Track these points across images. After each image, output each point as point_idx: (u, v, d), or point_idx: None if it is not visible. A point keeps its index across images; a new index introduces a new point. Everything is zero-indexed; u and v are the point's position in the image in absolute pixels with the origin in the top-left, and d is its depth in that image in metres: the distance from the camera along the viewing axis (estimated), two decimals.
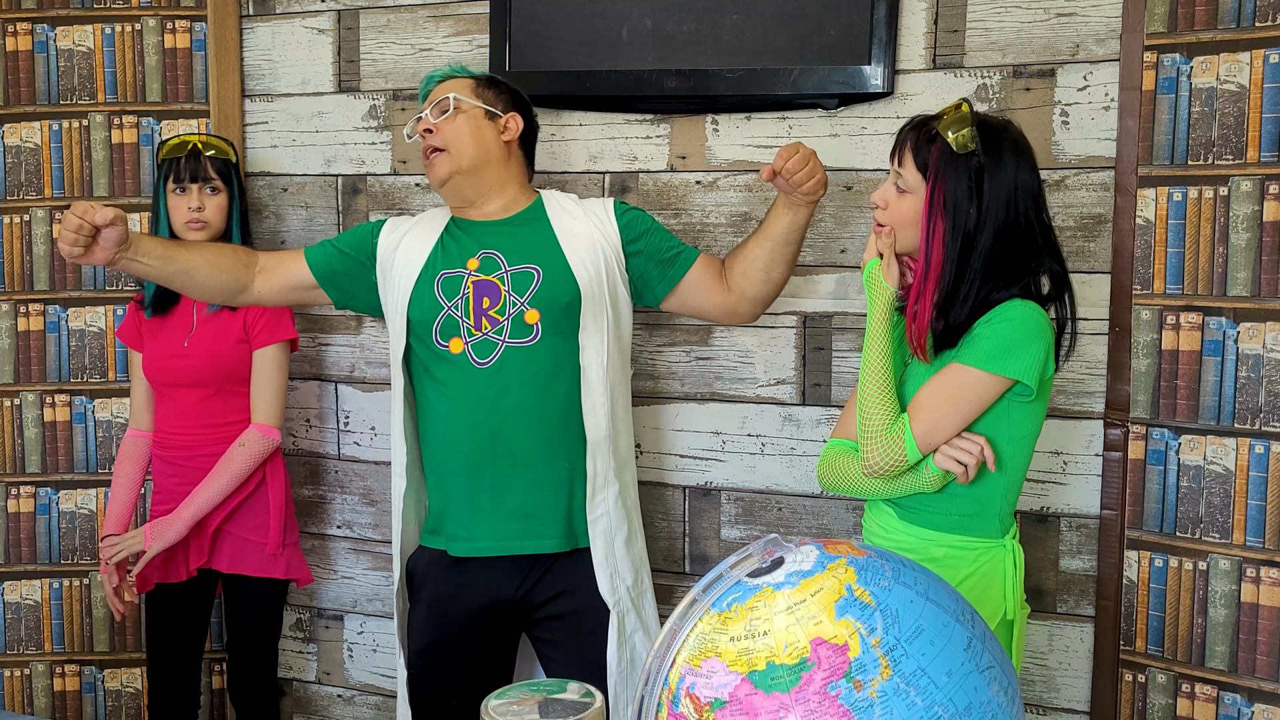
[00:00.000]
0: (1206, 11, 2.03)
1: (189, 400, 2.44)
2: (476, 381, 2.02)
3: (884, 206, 1.73)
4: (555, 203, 2.12)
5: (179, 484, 2.46)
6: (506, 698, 1.30)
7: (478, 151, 2.06)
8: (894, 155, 1.73)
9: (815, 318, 2.36)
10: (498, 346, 2.01)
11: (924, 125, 1.71)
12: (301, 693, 2.88)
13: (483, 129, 2.07)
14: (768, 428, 2.41)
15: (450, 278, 2.05)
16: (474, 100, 2.08)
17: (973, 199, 1.65)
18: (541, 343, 2.01)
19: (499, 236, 2.07)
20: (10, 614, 2.80)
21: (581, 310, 2.02)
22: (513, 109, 2.12)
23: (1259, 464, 2.03)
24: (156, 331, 2.46)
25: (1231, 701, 2.08)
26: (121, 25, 2.72)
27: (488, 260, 2.04)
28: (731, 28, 2.27)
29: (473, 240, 2.08)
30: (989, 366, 1.63)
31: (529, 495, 2.02)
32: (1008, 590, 1.71)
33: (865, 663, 0.91)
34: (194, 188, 2.40)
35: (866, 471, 1.70)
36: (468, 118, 2.06)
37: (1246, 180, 2.02)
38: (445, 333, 2.03)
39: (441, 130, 2.05)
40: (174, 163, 2.41)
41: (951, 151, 1.65)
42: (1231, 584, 2.07)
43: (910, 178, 1.69)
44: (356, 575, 2.79)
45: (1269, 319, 2.02)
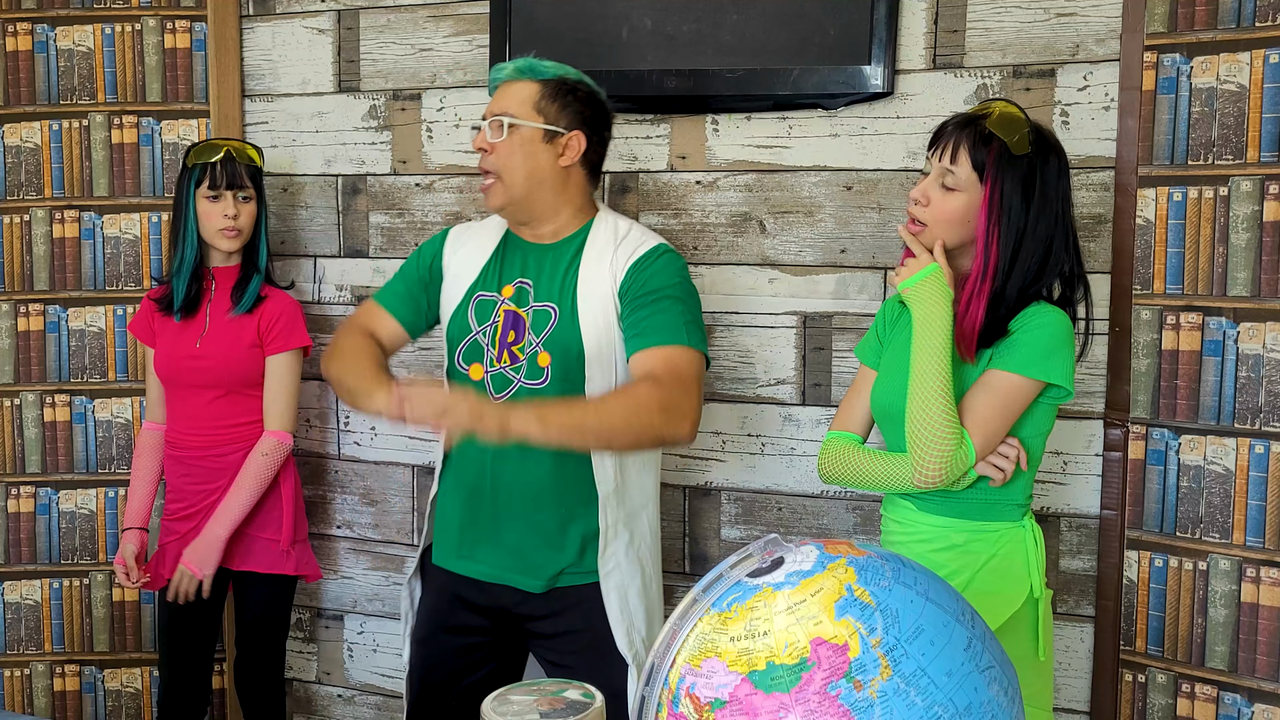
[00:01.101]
0: (1206, 11, 2.03)
1: (199, 401, 2.44)
2: None
3: (926, 203, 1.72)
4: (599, 234, 1.95)
5: (189, 483, 2.47)
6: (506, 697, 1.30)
7: (531, 180, 1.90)
8: (940, 152, 1.71)
9: (815, 318, 2.36)
10: (512, 384, 1.92)
11: (973, 124, 1.70)
12: (301, 693, 2.88)
13: (538, 155, 1.89)
14: (768, 428, 2.41)
15: (484, 301, 1.97)
16: (531, 119, 1.89)
17: (1026, 200, 1.68)
18: (550, 388, 1.90)
19: (536, 264, 1.96)
20: (10, 614, 2.80)
21: (586, 363, 1.90)
22: (578, 125, 1.91)
23: (1259, 464, 2.03)
24: (170, 330, 2.46)
25: (1231, 701, 2.08)
26: (121, 25, 2.71)
27: (520, 291, 1.94)
28: (731, 28, 2.27)
29: (515, 263, 1.98)
30: (1032, 373, 1.67)
31: (523, 535, 1.96)
32: (1031, 568, 1.74)
33: (865, 663, 0.91)
34: (228, 195, 2.39)
35: (922, 483, 1.68)
36: (523, 140, 1.89)
37: (1246, 180, 2.02)
38: (468, 357, 1.96)
39: (496, 153, 1.89)
40: (208, 168, 2.38)
41: (1009, 153, 1.67)
42: (1231, 584, 2.07)
43: (963, 176, 1.69)
44: (356, 575, 2.79)
45: (1269, 319, 2.02)
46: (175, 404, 2.48)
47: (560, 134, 1.90)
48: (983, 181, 1.68)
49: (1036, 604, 1.74)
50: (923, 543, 1.76)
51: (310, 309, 2.74)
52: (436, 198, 2.61)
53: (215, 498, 2.45)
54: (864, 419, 1.87)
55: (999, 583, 1.72)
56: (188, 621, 2.49)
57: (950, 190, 1.70)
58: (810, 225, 2.34)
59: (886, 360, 1.84)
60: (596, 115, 1.95)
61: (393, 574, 2.74)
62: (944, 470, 1.66)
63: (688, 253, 2.42)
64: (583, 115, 1.93)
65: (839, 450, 1.83)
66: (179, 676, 2.50)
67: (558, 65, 1.95)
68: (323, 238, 2.73)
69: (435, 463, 2.14)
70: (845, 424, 1.87)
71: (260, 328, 2.44)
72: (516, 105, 1.90)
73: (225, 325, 2.44)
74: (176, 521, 2.48)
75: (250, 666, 2.56)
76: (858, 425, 1.87)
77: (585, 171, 1.96)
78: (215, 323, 2.44)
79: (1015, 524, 1.76)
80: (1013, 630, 1.71)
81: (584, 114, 1.93)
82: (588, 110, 1.93)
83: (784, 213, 2.36)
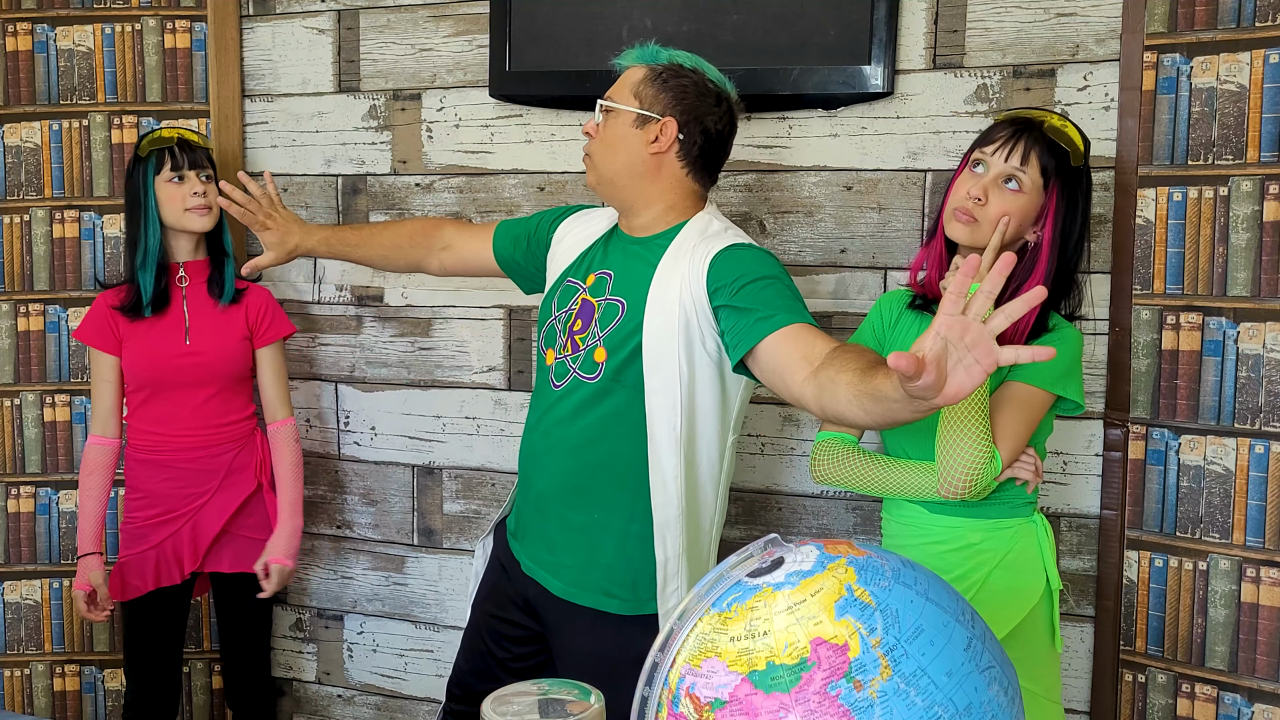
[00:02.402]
0: (1206, 11, 2.03)
1: (191, 401, 2.40)
2: (546, 399, 1.90)
3: (985, 201, 1.72)
4: (690, 233, 1.83)
5: (172, 487, 2.41)
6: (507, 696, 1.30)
7: (617, 165, 1.84)
8: (1009, 152, 1.72)
9: (815, 318, 2.36)
10: (569, 374, 1.86)
11: (1035, 129, 1.73)
12: (301, 693, 2.88)
13: (627, 139, 1.83)
14: (766, 427, 2.41)
15: (569, 288, 1.92)
16: (628, 102, 1.82)
17: (1072, 211, 1.73)
18: (600, 384, 1.82)
19: (622, 256, 1.89)
20: (10, 614, 2.80)
21: (644, 366, 1.78)
22: (672, 112, 1.81)
23: (1259, 464, 2.03)
24: (144, 330, 2.39)
25: (1231, 701, 2.08)
26: (121, 25, 2.71)
27: (600, 281, 1.88)
28: (731, 28, 2.27)
29: (607, 254, 1.92)
30: (1052, 387, 1.71)
31: (556, 532, 1.89)
32: (1046, 560, 1.78)
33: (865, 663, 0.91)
34: (192, 174, 2.38)
35: (948, 494, 1.68)
36: (616, 124, 1.84)
37: (1246, 180, 2.02)
38: (546, 340, 1.93)
39: (594, 136, 1.87)
40: (165, 153, 2.37)
41: (1069, 164, 1.72)
42: (1231, 584, 2.07)
43: (1032, 179, 1.72)
44: (356, 575, 2.79)
45: (1269, 319, 2.02)
46: (154, 407, 2.41)
47: (653, 119, 1.82)
48: (1047, 188, 1.72)
49: (1053, 596, 1.78)
50: (936, 544, 1.76)
51: (310, 309, 2.74)
52: (436, 198, 2.61)
53: (202, 501, 2.41)
54: None
55: (1017, 578, 1.75)
56: (154, 626, 2.46)
57: (1015, 191, 1.72)
58: (810, 225, 2.34)
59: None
60: (699, 104, 1.82)
61: (393, 574, 2.74)
62: (974, 484, 1.66)
63: None
64: (681, 102, 1.82)
65: (837, 452, 1.83)
66: (147, 681, 2.46)
67: (680, 53, 1.87)
68: None
69: None
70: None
71: (250, 320, 2.43)
72: (618, 89, 1.86)
73: (212, 319, 2.41)
74: (148, 528, 2.42)
75: (237, 669, 2.54)
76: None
77: (683, 164, 1.85)
78: (199, 318, 2.40)
79: (1026, 519, 1.78)
80: (1031, 624, 1.74)
81: (682, 101, 1.82)
82: (688, 98, 1.82)
83: (784, 213, 2.36)
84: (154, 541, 2.41)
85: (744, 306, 1.69)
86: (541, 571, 1.91)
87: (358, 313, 2.71)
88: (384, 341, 2.69)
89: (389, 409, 2.70)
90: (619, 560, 1.85)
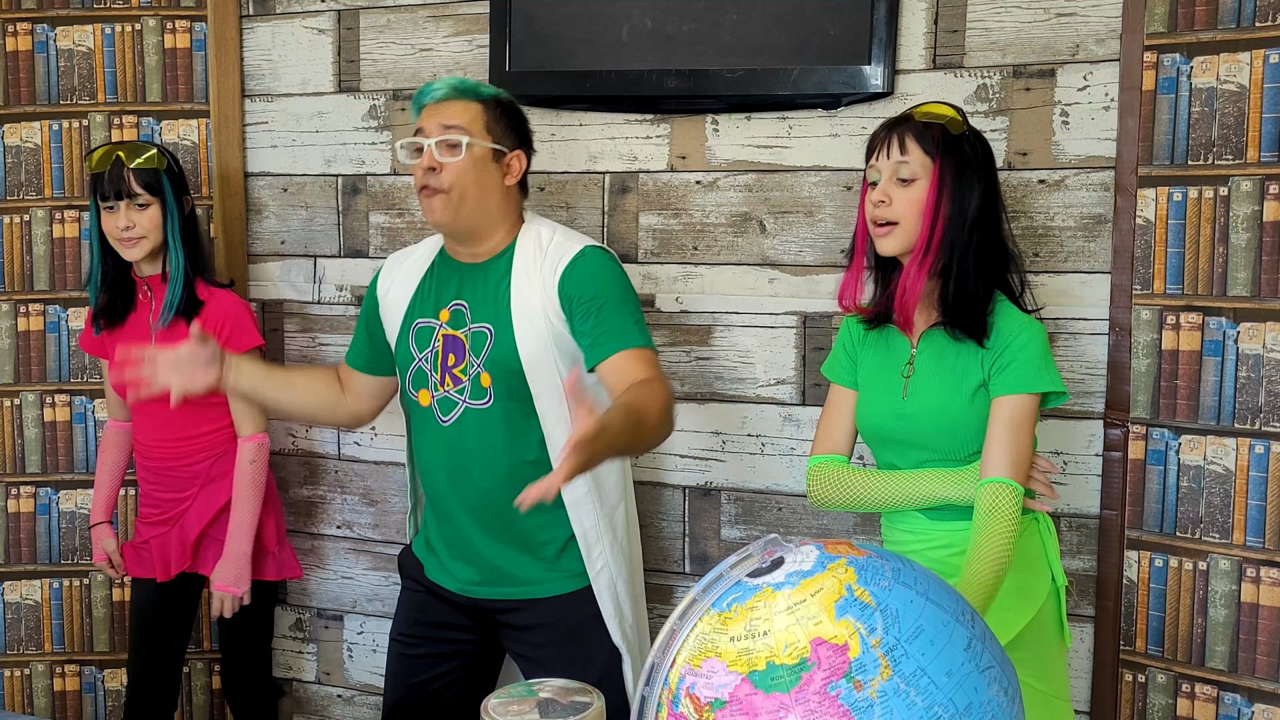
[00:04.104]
0: (1206, 11, 2.03)
1: (160, 413, 2.36)
2: (440, 437, 1.96)
3: (889, 202, 1.72)
4: (525, 247, 1.93)
5: (160, 490, 2.46)
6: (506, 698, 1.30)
7: (480, 200, 1.90)
8: (886, 150, 1.72)
9: (815, 318, 2.36)
10: (458, 406, 1.94)
11: (907, 119, 1.73)
12: (301, 693, 2.88)
13: (488, 174, 1.90)
14: (768, 428, 2.41)
15: (423, 328, 1.97)
16: (484, 139, 1.89)
17: (977, 175, 1.71)
18: (495, 406, 1.91)
19: (470, 285, 1.95)
20: (10, 614, 2.80)
21: (528, 378, 1.89)
22: (518, 144, 1.95)
23: (1259, 464, 2.03)
24: (119, 341, 2.37)
25: (1231, 701, 2.08)
26: (121, 25, 2.71)
27: (456, 313, 1.94)
28: (731, 28, 2.27)
29: (449, 286, 1.97)
30: (1035, 387, 1.68)
31: (488, 551, 1.97)
32: (1051, 557, 1.77)
33: (865, 663, 0.91)
34: (120, 205, 2.29)
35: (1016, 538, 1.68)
36: (475, 160, 1.88)
37: (1246, 180, 2.02)
38: (415, 383, 1.98)
39: (446, 171, 1.87)
40: (97, 179, 2.30)
41: (949, 133, 1.71)
42: (1231, 584, 2.07)
43: (917, 162, 1.70)
44: (356, 575, 2.79)
45: (1269, 319, 2.02)
46: (137, 415, 2.45)
47: (504, 153, 1.93)
48: (932, 161, 1.70)
49: (1059, 593, 1.77)
50: (943, 548, 1.76)
51: (310, 309, 2.74)
52: None
53: (186, 505, 2.43)
54: (847, 439, 1.87)
55: (1023, 578, 1.73)
56: (156, 623, 2.47)
57: (908, 181, 1.71)
58: (810, 225, 2.34)
59: (865, 380, 1.84)
60: (527, 132, 2.00)
61: (392, 574, 2.74)
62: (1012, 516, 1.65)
63: (687, 252, 2.42)
64: (521, 133, 1.97)
65: (832, 474, 1.83)
66: (147, 676, 2.47)
67: (487, 84, 1.98)
68: (323, 238, 2.73)
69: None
70: (830, 447, 1.86)
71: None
72: (469, 123, 1.89)
73: (171, 336, 2.32)
74: (147, 525, 2.47)
75: (237, 673, 2.55)
76: (843, 446, 1.86)
77: (521, 190, 2.00)
78: (160, 334, 2.35)
79: (1029, 518, 1.77)
80: (1040, 622, 1.74)
81: (522, 132, 1.98)
82: (524, 128, 1.99)
83: (784, 213, 2.36)
84: (147, 537, 2.47)
85: (586, 329, 1.86)
86: (488, 589, 2.00)
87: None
88: None
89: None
90: (551, 550, 1.97)
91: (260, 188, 2.75)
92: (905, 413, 1.75)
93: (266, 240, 2.75)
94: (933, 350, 1.75)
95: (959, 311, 1.70)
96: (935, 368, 1.74)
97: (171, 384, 1.90)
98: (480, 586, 2.00)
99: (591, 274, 1.89)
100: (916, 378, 1.76)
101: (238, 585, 2.38)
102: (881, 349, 1.82)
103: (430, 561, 2.07)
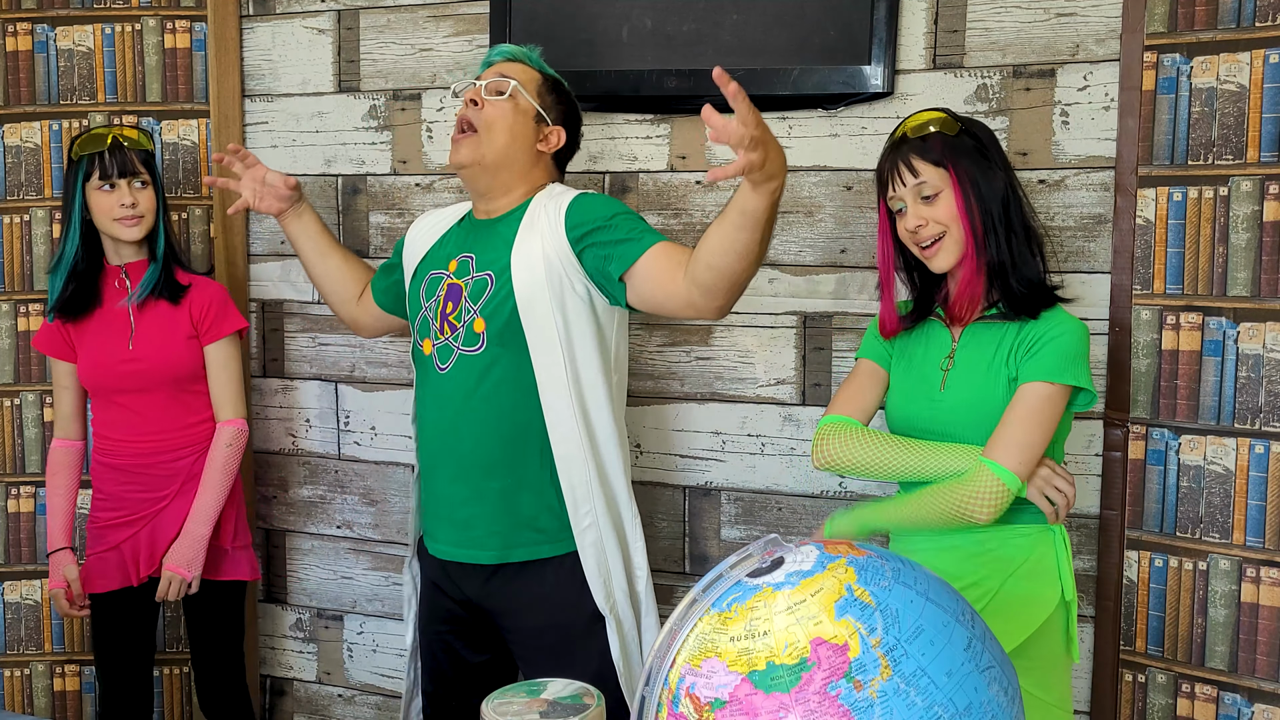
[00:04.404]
0: (1206, 11, 2.03)
1: (139, 406, 2.35)
2: (437, 385, 1.98)
3: (925, 223, 1.73)
4: (539, 203, 1.97)
5: (132, 490, 2.38)
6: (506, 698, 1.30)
7: (507, 149, 1.95)
8: (899, 180, 1.73)
9: (815, 318, 2.36)
10: (453, 353, 1.95)
11: (901, 140, 1.75)
12: (301, 693, 2.88)
13: (524, 126, 1.97)
14: (768, 428, 2.41)
15: (434, 278, 2.01)
16: (533, 97, 1.98)
17: (991, 162, 1.73)
18: (486, 353, 1.92)
19: (481, 237, 2.00)
20: (10, 614, 2.80)
21: (523, 324, 1.90)
22: (562, 122, 2.03)
23: (1259, 464, 2.03)
24: (89, 335, 2.35)
25: (1231, 701, 2.08)
26: (121, 25, 2.71)
27: (463, 264, 1.98)
28: (731, 28, 2.27)
29: (463, 239, 2.03)
30: (1059, 378, 1.67)
31: (470, 506, 1.96)
32: (1063, 570, 1.74)
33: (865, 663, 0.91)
34: (122, 183, 2.30)
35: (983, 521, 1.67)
36: (517, 111, 1.96)
37: (1246, 180, 2.02)
38: (421, 332, 2.01)
39: (485, 110, 1.94)
40: (96, 158, 2.29)
41: (946, 135, 1.72)
42: (1231, 584, 2.07)
43: (934, 178, 1.72)
44: (356, 575, 2.79)
45: (1269, 319, 2.02)
46: (110, 411, 2.37)
47: (547, 124, 2.01)
48: (946, 170, 1.72)
49: (1069, 606, 1.74)
50: (952, 550, 1.74)
51: (310, 309, 2.74)
52: (436, 198, 2.61)
53: (162, 505, 2.37)
54: (866, 409, 1.85)
55: (1034, 586, 1.72)
56: (124, 630, 2.42)
57: (933, 198, 1.72)
58: (810, 225, 2.34)
59: (901, 372, 1.83)
60: (576, 121, 2.09)
61: (393, 574, 2.74)
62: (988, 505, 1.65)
63: None
64: (570, 117, 2.07)
65: (843, 434, 1.79)
66: (116, 682, 2.43)
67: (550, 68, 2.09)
68: None
69: None
70: (848, 410, 1.84)
71: (193, 317, 2.35)
72: (524, 80, 1.99)
73: (153, 321, 2.34)
74: (110, 529, 2.38)
75: (209, 674, 2.48)
76: (860, 414, 1.84)
77: (555, 165, 2.06)
78: (145, 322, 2.34)
79: (1044, 528, 1.75)
80: (1046, 633, 1.71)
81: (572, 117, 2.07)
82: (575, 115, 2.08)
83: (784, 213, 2.36)
84: (114, 542, 2.38)
85: (608, 240, 1.85)
86: (465, 551, 1.99)
87: None
88: (383, 342, 2.69)
89: (390, 409, 2.70)
90: (539, 506, 1.95)
91: None
92: (942, 404, 1.75)
93: (266, 240, 2.75)
94: (975, 344, 1.76)
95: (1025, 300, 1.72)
96: (975, 360, 1.74)
97: (244, 190, 2.18)
98: (455, 549, 1.99)
99: (595, 203, 1.94)
100: (956, 371, 1.76)
101: (189, 569, 2.31)
102: (921, 342, 1.82)
103: (426, 531, 2.08)
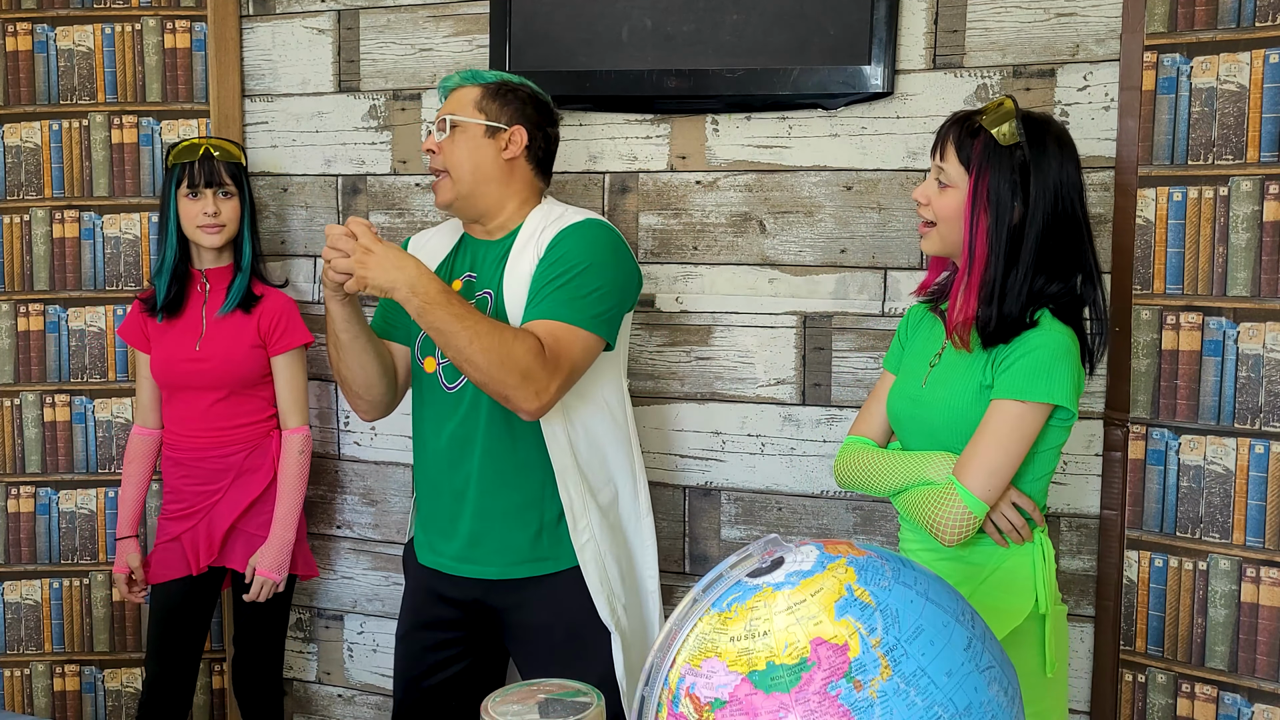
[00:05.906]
0: (1206, 11, 2.03)
1: (200, 403, 2.46)
2: (442, 404, 1.99)
3: (926, 203, 1.72)
4: (532, 220, 1.99)
5: (188, 484, 2.48)
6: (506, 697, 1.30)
7: (475, 175, 1.96)
8: (935, 150, 1.71)
9: (815, 318, 2.36)
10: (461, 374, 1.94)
11: (966, 120, 1.69)
12: (301, 693, 2.88)
13: (481, 149, 1.96)
14: (768, 428, 2.41)
15: None
16: (473, 116, 1.97)
17: (1017, 192, 1.64)
18: None
19: (482, 258, 2.02)
20: (10, 614, 2.80)
21: None
22: (519, 121, 1.98)
23: (1259, 464, 2.03)
24: (165, 333, 2.47)
25: (1231, 701, 2.08)
26: (121, 25, 2.71)
27: (467, 284, 2.00)
28: (731, 28, 2.27)
29: (465, 260, 2.05)
30: (1027, 396, 1.61)
31: (476, 523, 1.98)
32: (1038, 582, 1.69)
33: (865, 663, 0.91)
34: (208, 192, 2.42)
35: (947, 544, 1.66)
36: (466, 138, 1.96)
37: (1246, 180, 2.02)
38: (423, 350, 2.02)
39: (443, 151, 1.97)
40: (187, 167, 2.42)
41: (996, 144, 1.64)
42: (1231, 584, 2.07)
43: (953, 171, 1.68)
44: (356, 575, 2.79)
45: (1269, 319, 2.02)
46: (174, 406, 2.49)
47: (502, 129, 1.98)
48: (969, 174, 1.66)
49: (1043, 619, 1.69)
50: (929, 551, 1.75)
51: (310, 309, 2.74)
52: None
53: (216, 498, 2.47)
54: (881, 425, 1.87)
55: (1003, 596, 1.69)
56: (181, 618, 2.50)
57: (945, 187, 1.69)
58: (810, 225, 2.34)
59: (905, 357, 1.85)
60: (538, 112, 2.02)
61: (392, 574, 2.74)
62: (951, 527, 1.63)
63: (687, 252, 2.42)
64: (523, 111, 2.00)
65: (852, 455, 1.83)
66: (166, 673, 2.49)
67: (500, 72, 2.05)
68: (323, 238, 2.72)
69: None
70: (862, 429, 1.87)
71: (261, 328, 2.45)
72: (459, 107, 1.99)
73: (223, 327, 2.45)
74: (173, 521, 2.49)
75: (248, 666, 2.57)
76: (875, 431, 1.86)
77: (531, 166, 2.02)
78: (215, 325, 2.45)
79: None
80: (1015, 645, 1.66)
81: (525, 110, 2.00)
82: (529, 107, 2.01)
83: (784, 213, 2.36)
84: (175, 534, 2.48)
85: (545, 285, 1.89)
86: (470, 566, 2.00)
87: None
88: None
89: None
90: (544, 524, 1.98)
91: (260, 188, 2.75)
92: (921, 399, 1.75)
93: (267, 240, 2.75)
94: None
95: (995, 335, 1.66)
96: (956, 361, 1.73)
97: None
98: (460, 564, 2.01)
99: (576, 242, 1.92)
100: (939, 369, 1.76)
101: (279, 572, 2.44)
102: (924, 335, 1.83)
103: (420, 542, 2.08)
